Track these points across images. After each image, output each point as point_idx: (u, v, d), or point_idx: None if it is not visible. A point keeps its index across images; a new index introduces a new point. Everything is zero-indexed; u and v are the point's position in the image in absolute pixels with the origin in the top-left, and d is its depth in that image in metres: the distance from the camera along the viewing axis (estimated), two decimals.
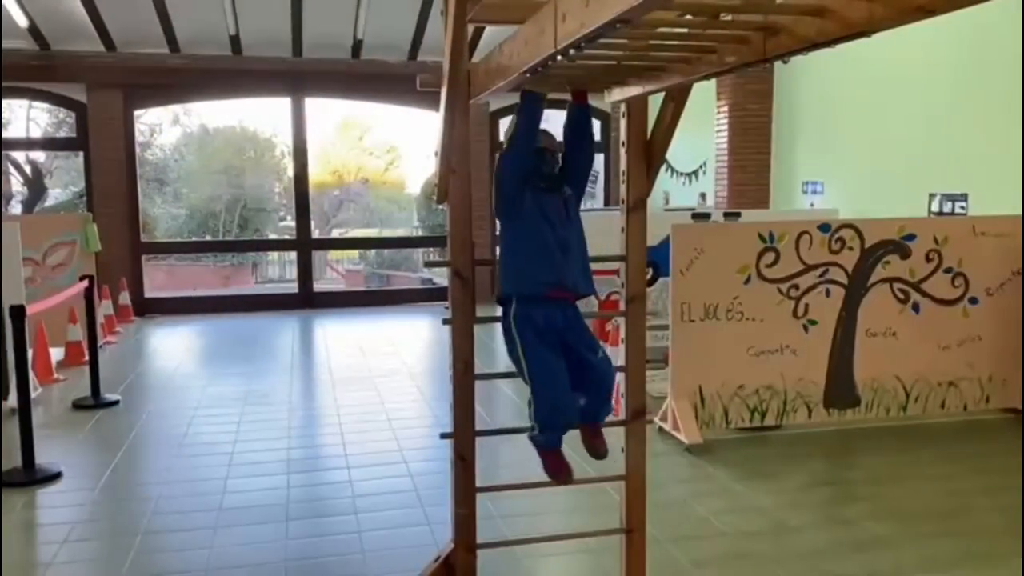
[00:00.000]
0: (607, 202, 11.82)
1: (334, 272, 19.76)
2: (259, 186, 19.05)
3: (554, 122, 2.85)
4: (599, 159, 12.80)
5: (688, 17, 1.84)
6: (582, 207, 3.12)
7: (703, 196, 9.87)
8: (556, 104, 2.77)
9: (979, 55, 5.98)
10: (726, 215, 7.04)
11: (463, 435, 2.77)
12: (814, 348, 5.20)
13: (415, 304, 11.75)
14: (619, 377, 2.95)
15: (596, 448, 2.84)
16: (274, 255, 18.78)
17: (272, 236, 18.63)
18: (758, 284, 5.09)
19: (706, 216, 6.94)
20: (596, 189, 13.08)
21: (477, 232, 5.38)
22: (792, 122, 8.64)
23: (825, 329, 5.21)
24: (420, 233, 18.11)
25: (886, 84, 7.00)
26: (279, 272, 19.30)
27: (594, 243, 2.85)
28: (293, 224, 12.24)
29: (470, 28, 2.68)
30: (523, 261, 2.78)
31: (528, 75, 2.07)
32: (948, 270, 5.36)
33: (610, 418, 2.87)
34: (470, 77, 2.57)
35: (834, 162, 7.96)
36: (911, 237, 5.27)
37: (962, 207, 6.25)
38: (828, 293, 5.18)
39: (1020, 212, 5.50)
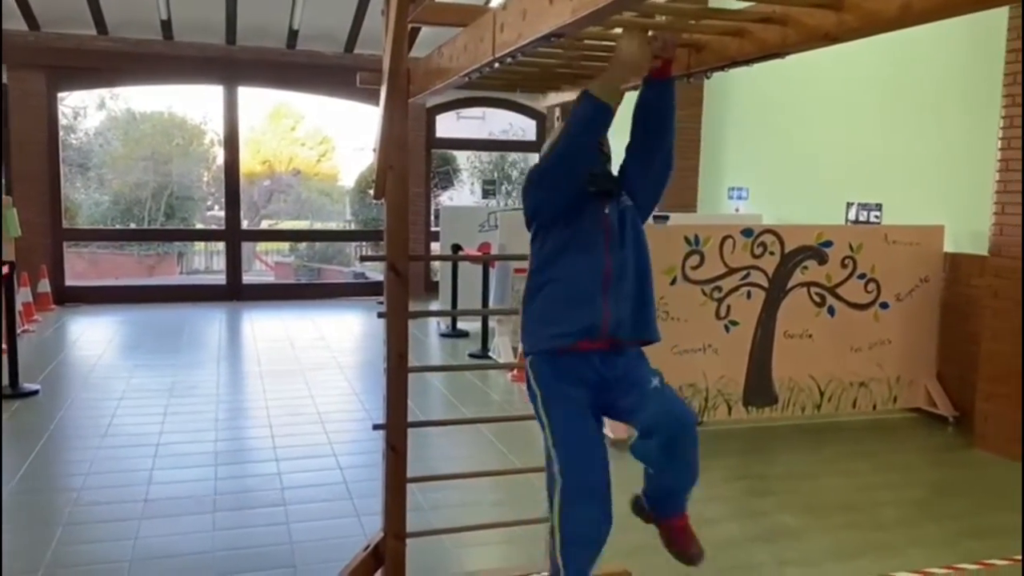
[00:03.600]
0: None
1: (262, 264, 19.45)
2: (186, 174, 18.62)
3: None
4: (533, 159, 12.96)
5: (618, 31, 1.95)
6: (512, 205, 3.03)
7: None
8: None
9: (898, 73, 6.29)
10: (655, 218, 7.23)
11: (395, 426, 2.83)
12: (735, 348, 5.41)
13: (347, 298, 11.70)
14: None
15: (685, 546, 2.42)
16: (200, 245, 18.38)
17: (199, 226, 18.24)
18: (683, 285, 5.27)
19: (665, 218, 7.13)
20: None
21: (410, 228, 5.45)
22: (720, 130, 8.91)
23: (746, 330, 5.43)
24: (353, 227, 17.97)
25: (811, 97, 7.30)
26: (205, 263, 18.91)
27: (527, 243, 2.73)
28: (221, 214, 12.04)
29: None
30: (543, 301, 2.29)
31: (467, 79, 2.15)
32: (862, 276, 5.64)
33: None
34: (409, 76, 2.64)
35: (759, 170, 8.25)
36: (828, 244, 5.53)
37: (876, 216, 6.57)
38: (749, 295, 5.40)
39: (929, 223, 5.82)
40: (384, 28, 2.52)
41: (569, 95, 2.66)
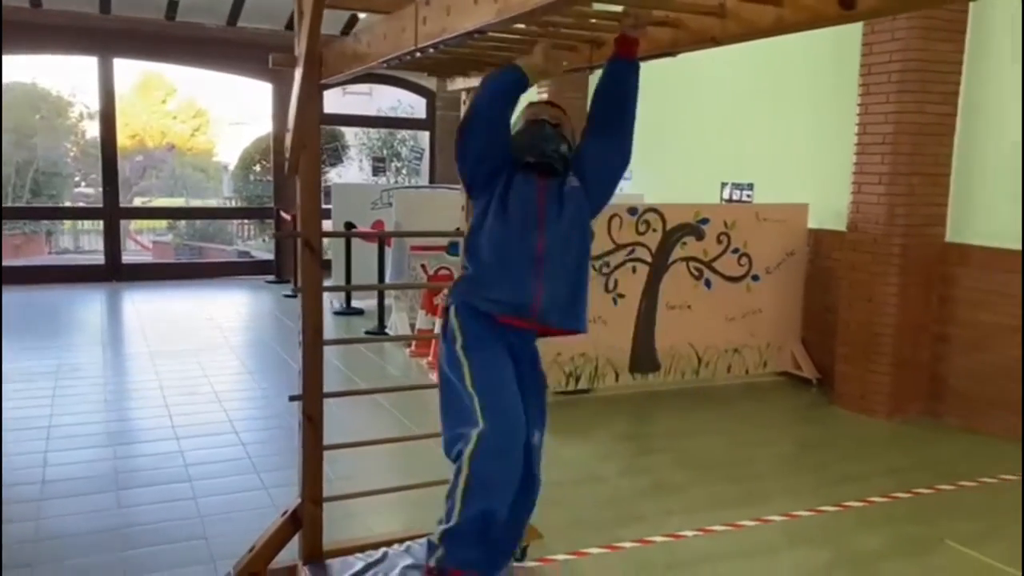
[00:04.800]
0: (432, 180, 12.06)
1: (138, 244, 18.69)
2: (53, 149, 17.64)
3: None
4: (423, 137, 13.01)
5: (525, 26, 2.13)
6: (410, 183, 2.99)
7: None
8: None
9: (767, 65, 6.75)
10: None
11: (312, 397, 2.95)
12: (622, 319, 5.75)
13: (232, 277, 11.48)
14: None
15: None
16: (68, 224, 17.48)
17: (68, 204, 17.34)
18: None
19: None
20: (421, 166, 13.28)
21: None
22: None
23: (631, 302, 5.77)
24: (236, 204, 17.50)
25: (690, 87, 7.71)
26: (74, 242, 18.01)
27: (423, 221, 2.78)
28: (90, 191, 11.54)
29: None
30: (475, 265, 2.30)
31: (385, 65, 2.29)
32: (735, 251, 6.08)
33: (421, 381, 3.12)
34: (322, 59, 2.73)
35: (642, 152, 8.59)
36: (705, 221, 5.93)
37: (748, 195, 7.05)
38: (635, 270, 5.74)
39: (795, 202, 6.32)
40: (297, 10, 2.61)
41: (476, 80, 2.83)
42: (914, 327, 5.47)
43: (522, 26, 2.13)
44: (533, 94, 5.48)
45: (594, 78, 2.31)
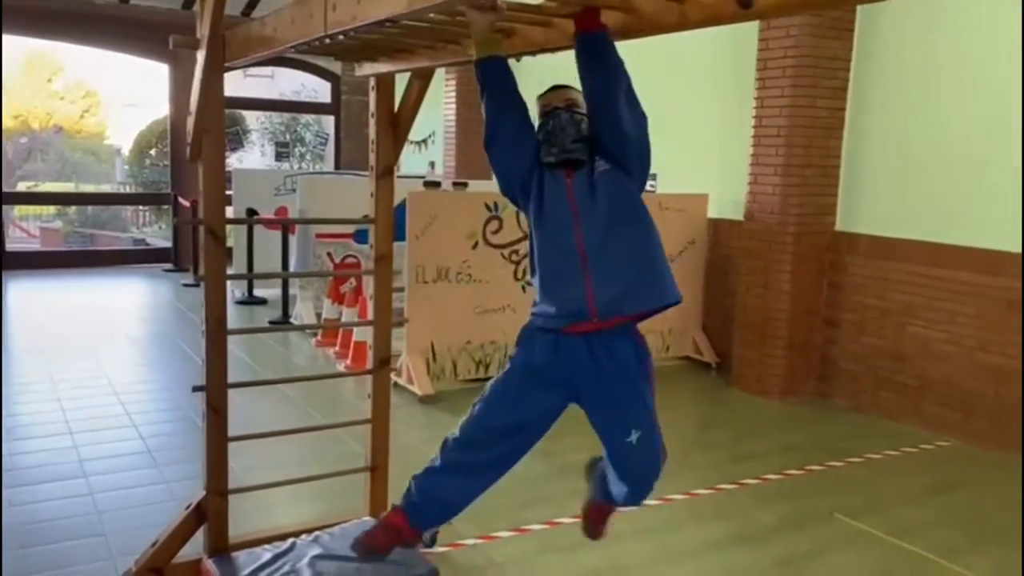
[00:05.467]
0: (337, 166, 11.87)
1: (22, 231, 17.72)
2: None
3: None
4: (328, 121, 12.79)
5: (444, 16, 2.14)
6: (314, 168, 2.84)
7: (432, 165, 10.31)
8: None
9: (669, 58, 6.91)
10: (455, 184, 7.50)
11: (216, 388, 2.89)
12: (530, 307, 5.80)
13: (127, 266, 11.04)
14: (367, 331, 3.22)
15: (597, 525, 2.69)
16: None
17: None
18: (484, 249, 5.58)
19: (436, 184, 7.34)
20: (326, 152, 13.04)
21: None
22: None
23: None
24: (131, 189, 16.80)
25: None
26: None
27: (329, 208, 2.69)
28: None
29: None
30: (537, 282, 2.27)
31: (293, 50, 2.25)
32: None
33: (352, 365, 3.12)
34: (225, 42, 2.67)
35: None
36: None
37: (652, 185, 7.23)
38: None
39: (695, 192, 6.52)
40: None
41: (385, 66, 2.81)
42: (806, 312, 5.74)
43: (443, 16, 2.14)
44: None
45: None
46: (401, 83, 2.97)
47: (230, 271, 9.54)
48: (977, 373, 4.90)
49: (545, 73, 2.92)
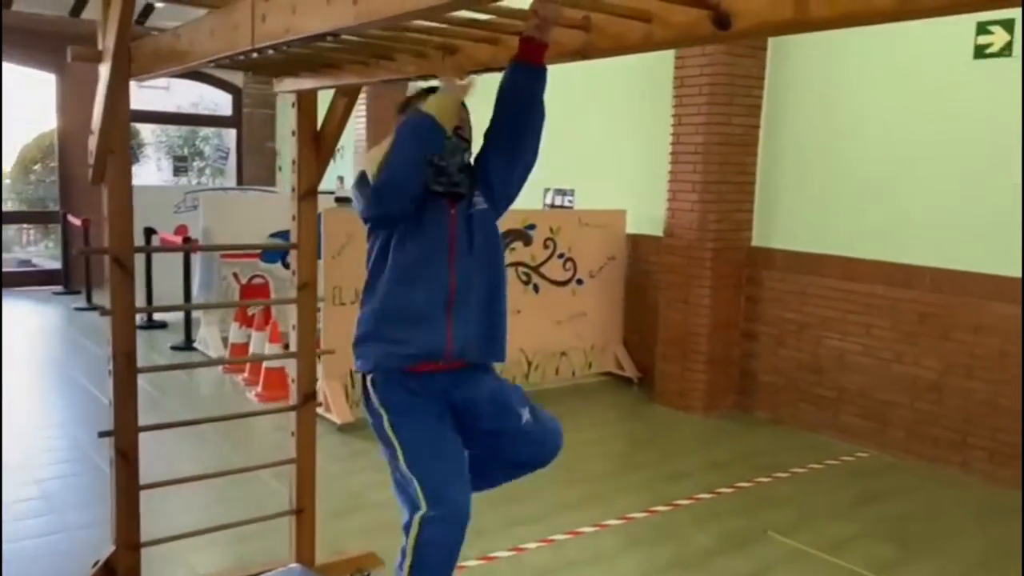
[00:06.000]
0: (239, 181, 11.43)
1: None
2: None
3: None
4: (230, 135, 12.33)
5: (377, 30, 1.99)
6: (215, 184, 2.62)
7: (341, 179, 10.03)
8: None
9: (589, 76, 6.90)
10: (337, 200, 7.27)
11: (125, 432, 2.63)
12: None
13: (12, 289, 10.32)
14: (290, 363, 3.01)
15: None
16: None
17: None
18: None
19: (348, 200, 7.11)
20: (227, 166, 12.57)
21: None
22: None
23: None
24: (15, 207, 15.76)
25: None
26: None
27: (233, 226, 2.48)
28: None
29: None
30: (379, 312, 2.10)
31: (212, 65, 2.06)
32: (561, 255, 6.18)
33: (278, 403, 2.92)
34: (130, 55, 2.44)
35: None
36: (532, 227, 5.98)
37: (570, 201, 7.20)
38: None
39: (614, 208, 6.51)
40: (104, 3, 2.31)
41: (309, 82, 2.64)
42: (726, 326, 5.79)
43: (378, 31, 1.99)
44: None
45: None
46: (323, 98, 2.80)
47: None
48: (892, 384, 5.02)
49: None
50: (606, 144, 6.82)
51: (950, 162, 4.73)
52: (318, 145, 2.88)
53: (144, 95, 14.35)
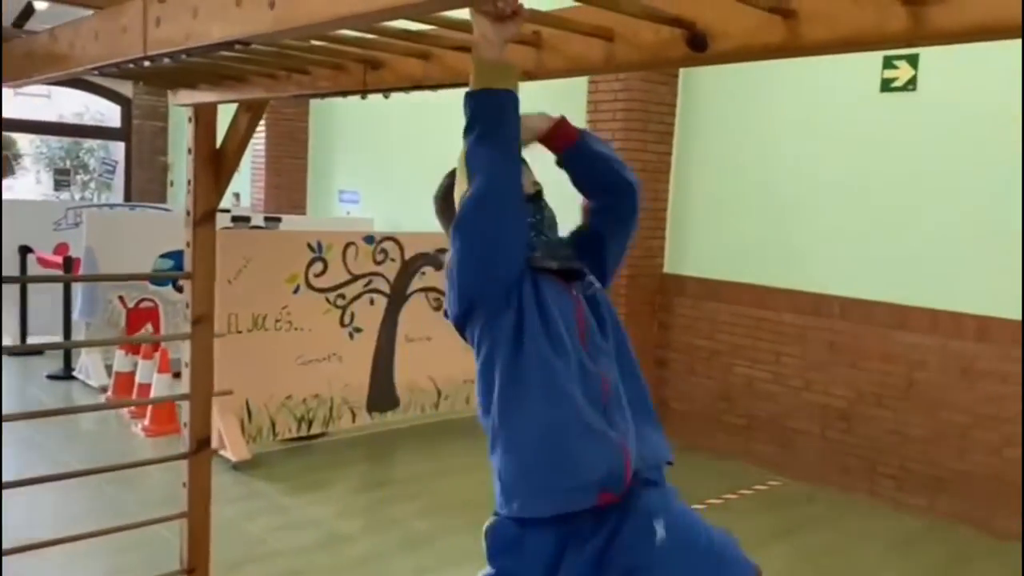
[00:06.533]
0: (127, 197, 10.77)
1: None
2: None
3: None
4: (118, 148, 11.64)
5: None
6: (101, 199, 2.23)
7: (237, 196, 9.58)
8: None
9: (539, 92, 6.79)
10: (267, 219, 6.93)
11: None
12: (359, 355, 5.39)
13: None
14: (172, 388, 2.71)
15: None
16: None
17: None
18: (307, 293, 5.11)
19: (246, 219, 6.74)
20: (114, 181, 11.84)
21: None
22: (330, 129, 8.84)
23: (369, 336, 5.44)
24: None
25: (415, 106, 7.55)
26: None
27: (121, 246, 2.21)
28: None
29: None
30: (528, 444, 1.60)
31: (96, 72, 1.78)
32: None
33: (171, 450, 2.62)
34: (2, 59, 2.13)
35: (371, 173, 8.33)
36: (444, 251, 5.74)
37: None
38: (372, 302, 5.42)
39: None
40: None
41: (209, 95, 2.37)
42: (639, 353, 5.67)
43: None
44: None
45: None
46: (225, 112, 2.53)
47: None
48: (802, 412, 5.04)
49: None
50: None
51: (858, 192, 4.81)
52: (217, 165, 2.61)
53: (22, 103, 13.43)
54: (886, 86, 4.69)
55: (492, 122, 1.53)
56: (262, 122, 8.75)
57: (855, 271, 4.82)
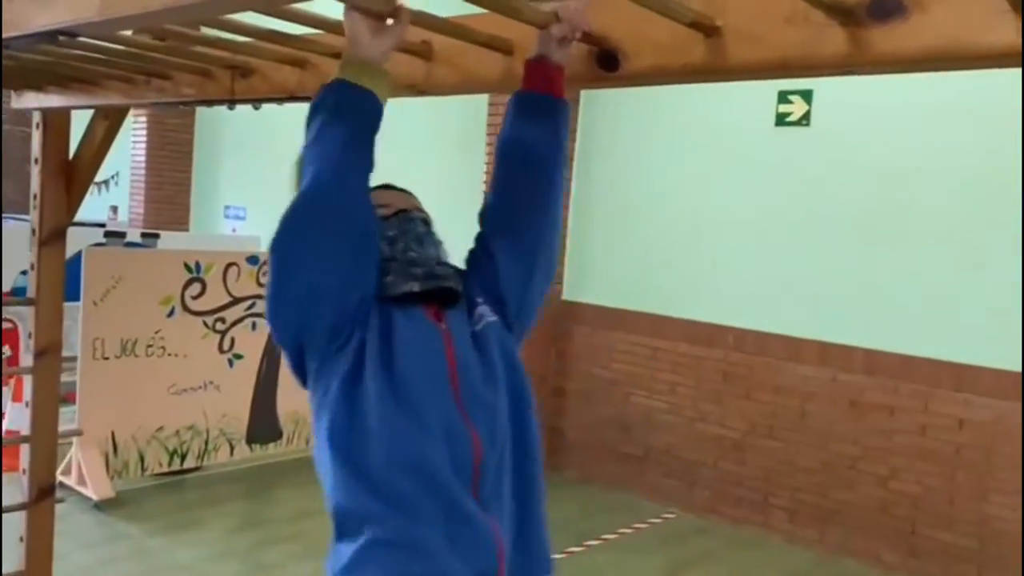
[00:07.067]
0: None
1: None
2: None
3: None
4: None
5: (143, 38, 1.53)
6: None
7: (114, 210, 9.00)
8: None
9: (401, 117, 6.57)
10: (143, 235, 6.48)
11: None
12: (239, 383, 5.05)
13: None
14: (23, 449, 2.38)
15: None
16: None
17: None
18: (183, 317, 4.74)
19: (121, 235, 6.28)
20: None
21: None
22: (217, 140, 8.42)
23: (250, 363, 5.10)
24: None
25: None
26: None
27: None
28: None
29: None
30: (369, 517, 1.23)
31: None
32: None
33: (8, 500, 2.28)
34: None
35: (259, 189, 7.96)
36: None
37: None
38: (255, 327, 5.09)
39: None
40: None
41: (57, 99, 2.09)
42: (537, 381, 5.50)
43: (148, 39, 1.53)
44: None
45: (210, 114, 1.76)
46: (80, 120, 2.25)
47: None
48: (697, 443, 5.01)
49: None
50: (415, 183, 6.48)
51: (754, 225, 4.83)
52: (69, 177, 2.32)
53: None
54: (781, 120, 4.74)
55: (340, 114, 1.22)
56: (143, 131, 8.32)
57: (750, 303, 4.83)
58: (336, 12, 1.24)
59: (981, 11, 0.76)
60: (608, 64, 1.02)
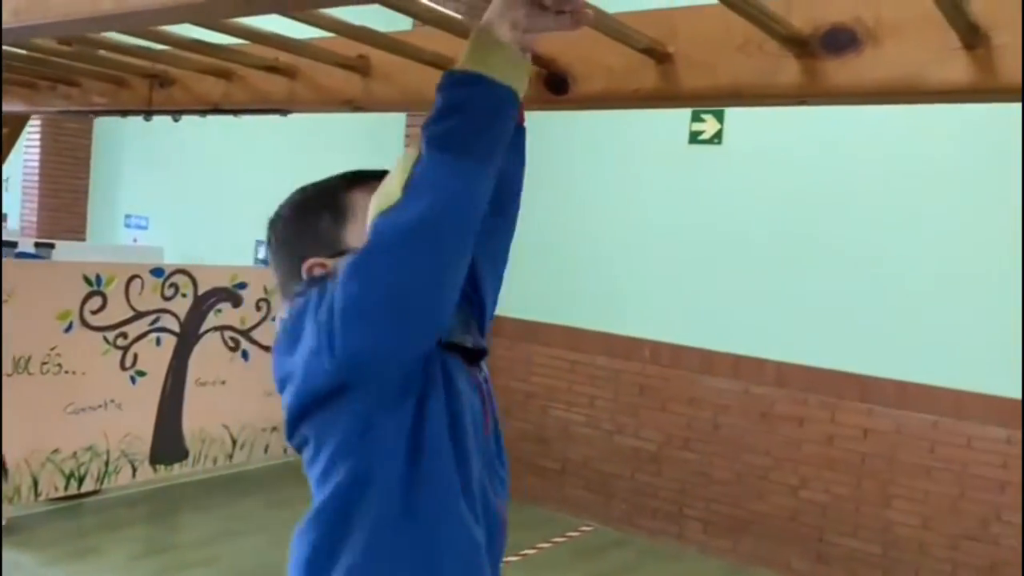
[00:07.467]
0: None
1: None
2: None
3: None
4: None
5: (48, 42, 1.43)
6: None
7: (4, 218, 8.49)
8: None
9: (310, 126, 6.43)
10: (38, 245, 6.13)
11: None
12: (142, 401, 4.82)
13: None
14: None
15: None
16: None
17: None
18: (81, 332, 4.49)
19: (12, 245, 5.92)
20: None
21: None
22: (117, 146, 8.06)
23: (155, 380, 4.87)
24: None
25: (223, 135, 7.03)
26: None
27: None
28: None
29: None
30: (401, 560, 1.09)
31: None
32: (274, 318, 5.56)
33: None
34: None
35: (162, 198, 7.66)
36: (243, 286, 5.31)
37: None
38: (159, 342, 4.87)
39: None
40: None
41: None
42: None
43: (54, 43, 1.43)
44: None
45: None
46: None
47: None
48: (615, 456, 5.05)
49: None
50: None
51: (668, 240, 4.92)
52: None
53: None
54: (694, 138, 4.85)
55: (479, 122, 1.01)
56: (37, 135, 7.89)
57: (665, 316, 4.91)
58: (264, 24, 1.18)
59: (933, 47, 0.78)
60: (557, 87, 1.00)
